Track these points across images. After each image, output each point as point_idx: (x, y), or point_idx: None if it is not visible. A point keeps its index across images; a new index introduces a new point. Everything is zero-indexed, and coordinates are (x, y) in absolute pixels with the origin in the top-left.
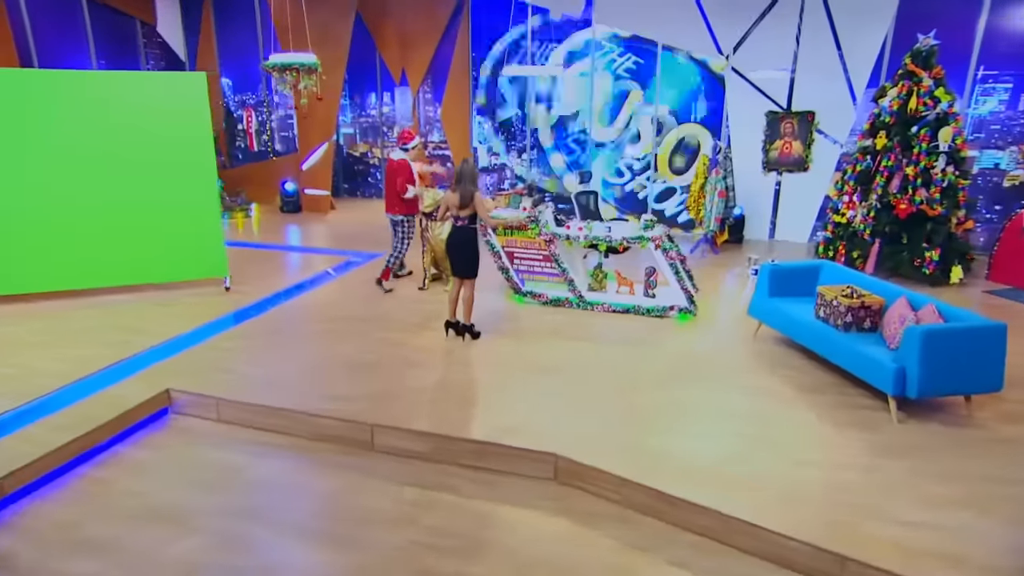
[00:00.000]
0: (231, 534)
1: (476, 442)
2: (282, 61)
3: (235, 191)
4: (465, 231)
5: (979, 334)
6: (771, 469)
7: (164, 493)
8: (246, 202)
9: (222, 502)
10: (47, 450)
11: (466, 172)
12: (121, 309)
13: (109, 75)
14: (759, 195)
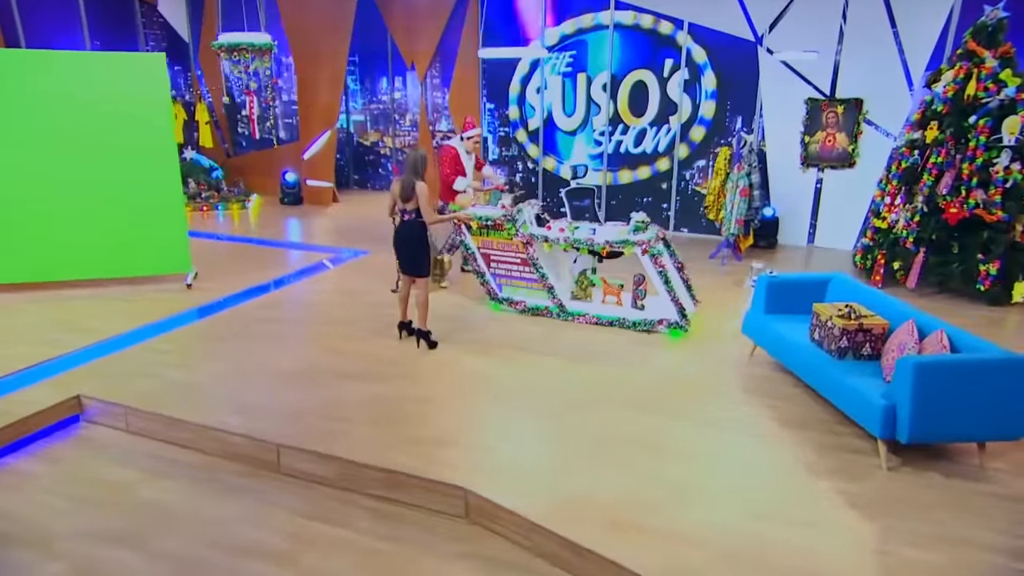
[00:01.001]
0: (94, 561)
1: (385, 470)
2: (230, 41)
3: (234, 181)
4: (411, 225)
5: (991, 369)
6: (718, 522)
7: (37, 513)
8: (244, 193)
9: (98, 525)
10: None
11: (410, 161)
12: (69, 304)
13: (57, 55)
14: (796, 194)
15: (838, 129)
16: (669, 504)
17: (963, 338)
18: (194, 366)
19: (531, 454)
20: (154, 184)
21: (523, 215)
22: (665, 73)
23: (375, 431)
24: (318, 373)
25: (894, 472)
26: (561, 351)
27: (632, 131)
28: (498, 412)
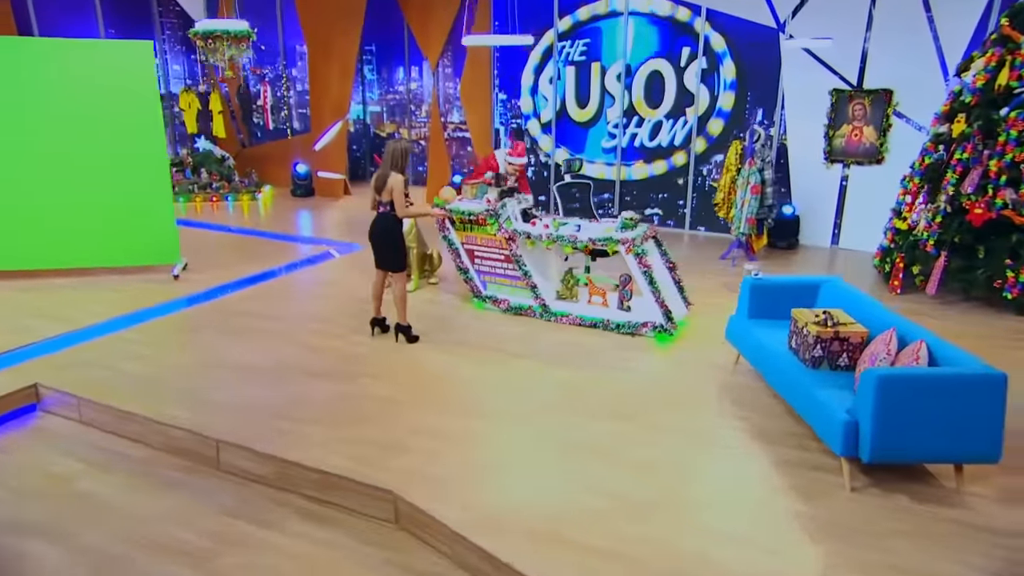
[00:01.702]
0: (12, 553)
1: (319, 471)
2: (207, 28)
3: (245, 171)
4: (385, 218)
5: (962, 385)
6: (650, 537)
7: None
8: (255, 184)
9: (28, 516)
10: None
11: (388, 152)
12: (53, 293)
13: (46, 42)
14: (819, 192)
15: (865, 122)
16: (606, 516)
17: (945, 350)
18: (157, 358)
19: (477, 460)
20: (142, 174)
21: (507, 210)
22: (682, 62)
23: (323, 430)
24: (282, 369)
25: (858, 493)
26: (538, 353)
27: (647, 124)
28: (455, 416)
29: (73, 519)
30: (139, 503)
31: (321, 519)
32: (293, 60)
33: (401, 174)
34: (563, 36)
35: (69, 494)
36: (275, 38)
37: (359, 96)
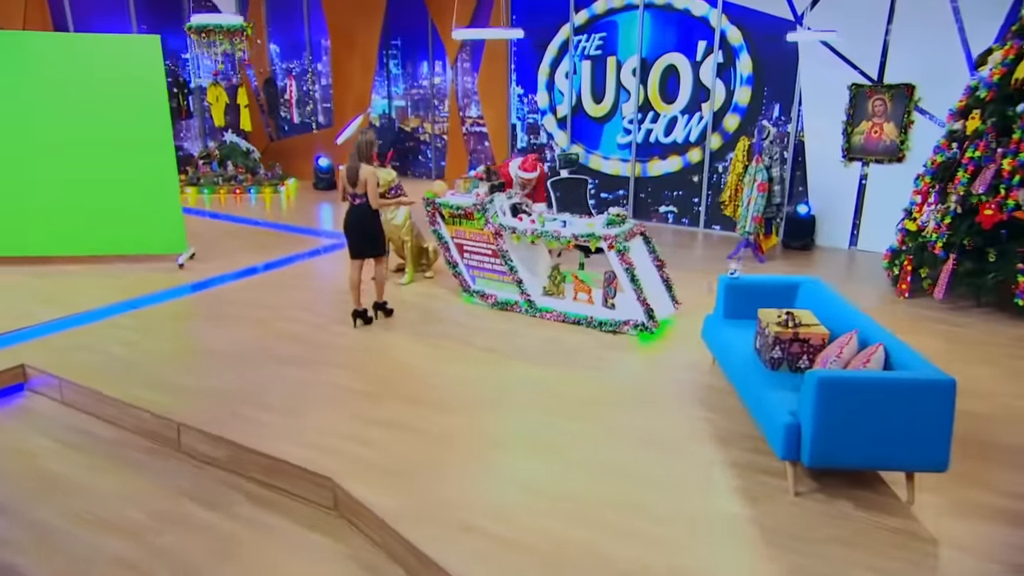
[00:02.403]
0: None
1: (268, 457)
2: (199, 23)
3: (270, 165)
4: (360, 209)
5: (909, 390)
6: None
7: None
8: (278, 177)
9: None
10: None
11: (357, 145)
12: (60, 279)
13: (58, 37)
14: (838, 191)
15: (886, 119)
16: (537, 514)
17: (903, 355)
18: (141, 343)
19: (424, 452)
20: (149, 165)
21: (494, 205)
22: (698, 57)
23: (281, 417)
24: (256, 355)
25: (802, 498)
26: (516, 349)
27: (663, 119)
28: (415, 408)
29: (29, 494)
30: (97, 482)
31: (266, 503)
32: (319, 55)
33: (370, 165)
34: (579, 30)
35: (32, 470)
36: (301, 33)
37: (384, 90)
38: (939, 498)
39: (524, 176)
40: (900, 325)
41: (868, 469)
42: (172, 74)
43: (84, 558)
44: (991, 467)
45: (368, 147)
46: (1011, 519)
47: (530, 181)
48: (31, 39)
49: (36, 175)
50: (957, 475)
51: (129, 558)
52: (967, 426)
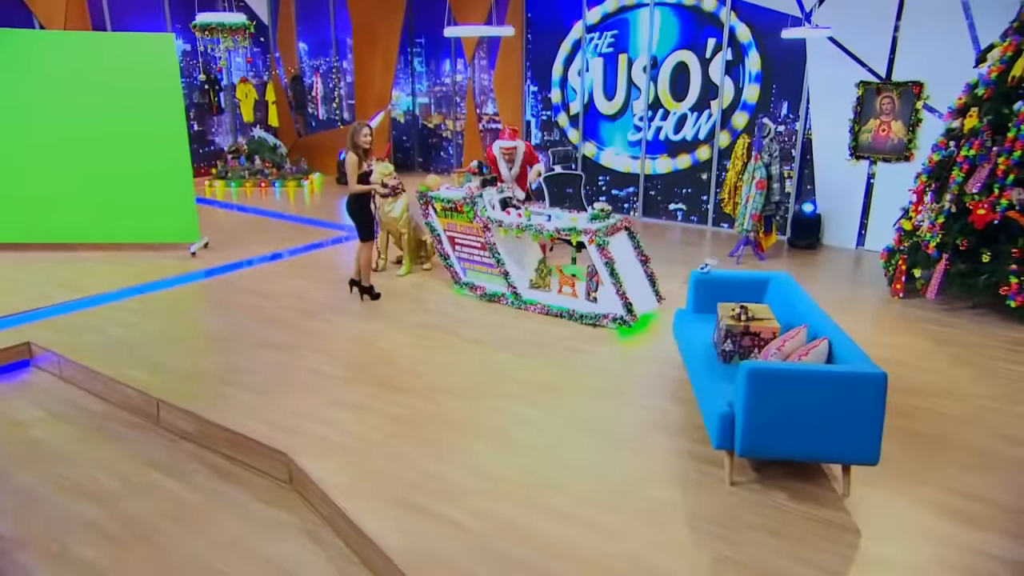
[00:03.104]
0: None
1: (231, 432)
2: (203, 21)
3: (295, 159)
4: (349, 195)
5: (839, 383)
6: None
7: None
8: (303, 172)
9: None
10: None
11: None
12: (78, 264)
13: (78, 35)
14: (845, 190)
15: (893, 117)
16: (470, 493)
17: (846, 350)
18: (141, 326)
19: (380, 432)
20: (164, 158)
21: (483, 199)
22: (707, 54)
23: (253, 397)
24: (244, 340)
25: (738, 487)
26: (494, 339)
27: (672, 116)
28: (381, 391)
29: (16, 462)
30: (78, 451)
31: (227, 475)
32: (344, 52)
33: (354, 153)
34: (592, 28)
35: (21, 439)
36: (328, 31)
37: (408, 88)
38: (881, 493)
39: (504, 145)
40: (890, 325)
41: (799, 460)
42: (205, 71)
43: (57, 520)
44: (945, 466)
45: (352, 135)
46: (951, 517)
47: (511, 150)
48: (55, 38)
49: (59, 167)
50: (907, 472)
51: (97, 521)
52: (934, 426)
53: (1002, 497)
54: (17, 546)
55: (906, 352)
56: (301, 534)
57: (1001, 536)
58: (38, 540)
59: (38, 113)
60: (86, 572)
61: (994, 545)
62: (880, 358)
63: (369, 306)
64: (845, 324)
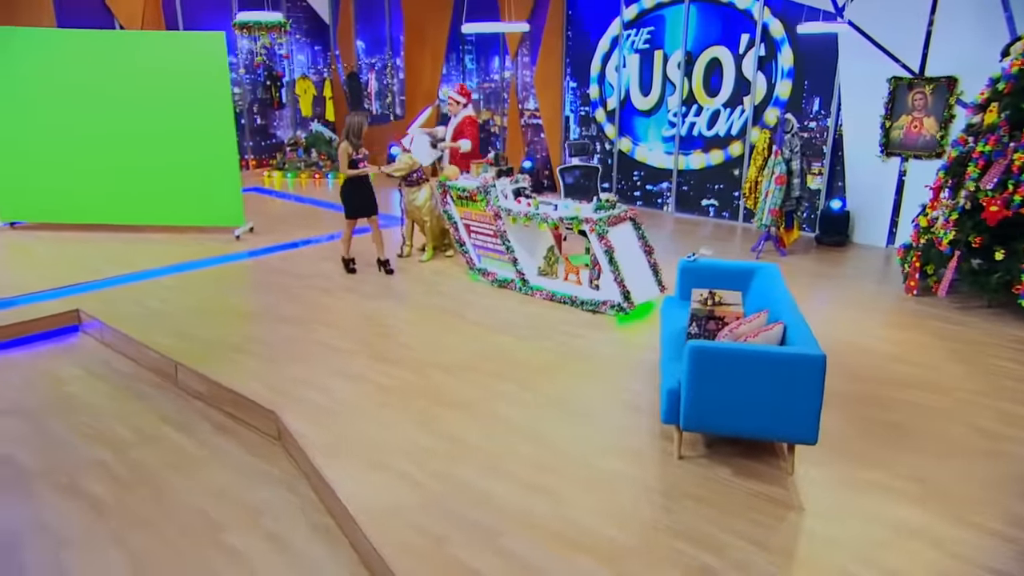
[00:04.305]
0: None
1: (234, 393)
2: (242, 20)
3: None
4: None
5: (778, 363)
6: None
7: None
8: None
9: (21, 402)
10: None
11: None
12: (134, 244)
13: (137, 34)
14: (875, 187)
15: (926, 113)
16: (434, 456)
17: (799, 335)
18: (176, 300)
19: (365, 400)
20: (214, 149)
21: (496, 188)
22: (741, 50)
23: (260, 364)
24: (264, 314)
25: (685, 461)
26: (496, 321)
27: (706, 112)
28: (379, 364)
29: (52, 408)
30: (105, 405)
31: (227, 430)
32: (398, 50)
33: (347, 142)
34: (629, 24)
35: (59, 393)
36: (383, 29)
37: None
38: (826, 473)
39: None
40: (896, 321)
41: (741, 437)
42: (267, 68)
43: (71, 459)
44: (902, 452)
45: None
46: (891, 497)
47: (457, 103)
48: (115, 37)
49: (120, 158)
50: (858, 454)
51: (108, 464)
52: (907, 416)
53: (954, 483)
54: (35, 476)
55: (904, 347)
56: (281, 485)
57: (942, 520)
58: (53, 474)
59: (103, 108)
60: (90, 503)
61: (934, 528)
62: (874, 351)
63: (384, 287)
64: (852, 319)
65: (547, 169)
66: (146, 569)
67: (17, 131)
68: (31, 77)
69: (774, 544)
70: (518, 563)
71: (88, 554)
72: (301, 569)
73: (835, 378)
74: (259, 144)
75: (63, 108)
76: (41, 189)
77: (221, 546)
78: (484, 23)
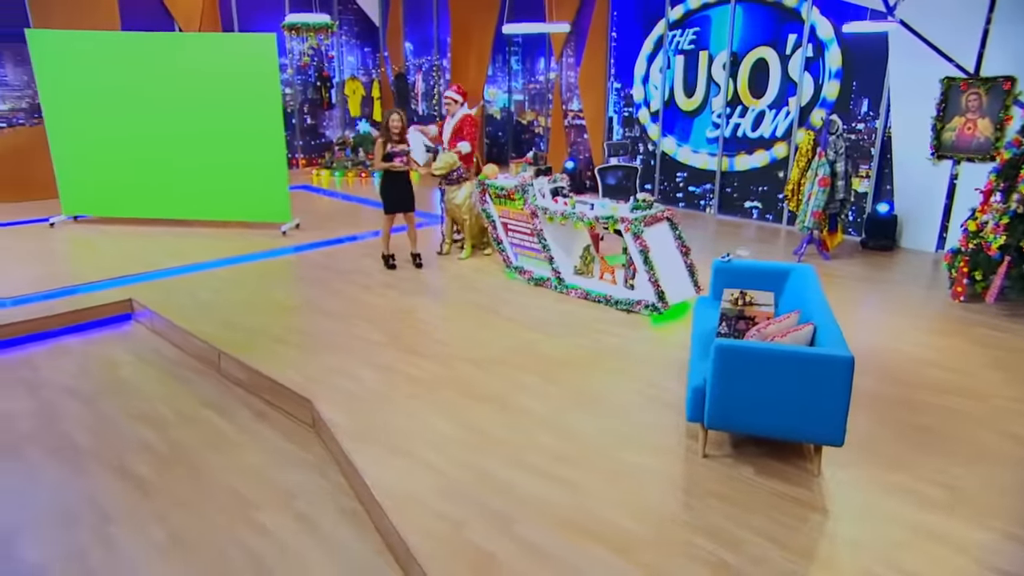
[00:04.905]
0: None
1: (272, 381)
2: (290, 21)
3: None
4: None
5: (806, 363)
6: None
7: (51, 371)
8: None
9: (79, 385)
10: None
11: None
12: (186, 238)
13: (191, 36)
14: (924, 190)
15: (980, 114)
16: (456, 444)
17: (829, 336)
18: (224, 291)
19: (394, 390)
20: (262, 146)
21: (534, 187)
22: (787, 50)
23: (298, 354)
24: (306, 307)
25: (710, 460)
26: (529, 318)
27: (751, 113)
28: (412, 356)
29: (104, 391)
30: (152, 388)
31: (264, 416)
32: (445, 51)
33: (381, 136)
34: (674, 25)
35: (113, 376)
36: (431, 30)
37: (505, 85)
38: (853, 474)
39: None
40: (940, 327)
41: (765, 436)
42: (317, 69)
43: (118, 436)
44: (931, 456)
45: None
46: (918, 501)
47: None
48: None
49: (174, 155)
50: (887, 457)
51: (150, 442)
52: (940, 420)
53: (983, 490)
54: (88, 454)
55: (945, 352)
56: (313, 470)
57: (969, 525)
58: (103, 453)
59: (160, 108)
60: (135, 481)
61: (960, 533)
62: (912, 356)
63: (422, 283)
64: (894, 324)
65: (589, 170)
66: (184, 543)
67: (81, 130)
68: (94, 78)
69: (794, 543)
70: (532, 549)
71: (131, 529)
72: (328, 549)
73: (869, 380)
74: (308, 143)
75: (123, 108)
76: (102, 185)
77: (253, 524)
78: (525, 24)
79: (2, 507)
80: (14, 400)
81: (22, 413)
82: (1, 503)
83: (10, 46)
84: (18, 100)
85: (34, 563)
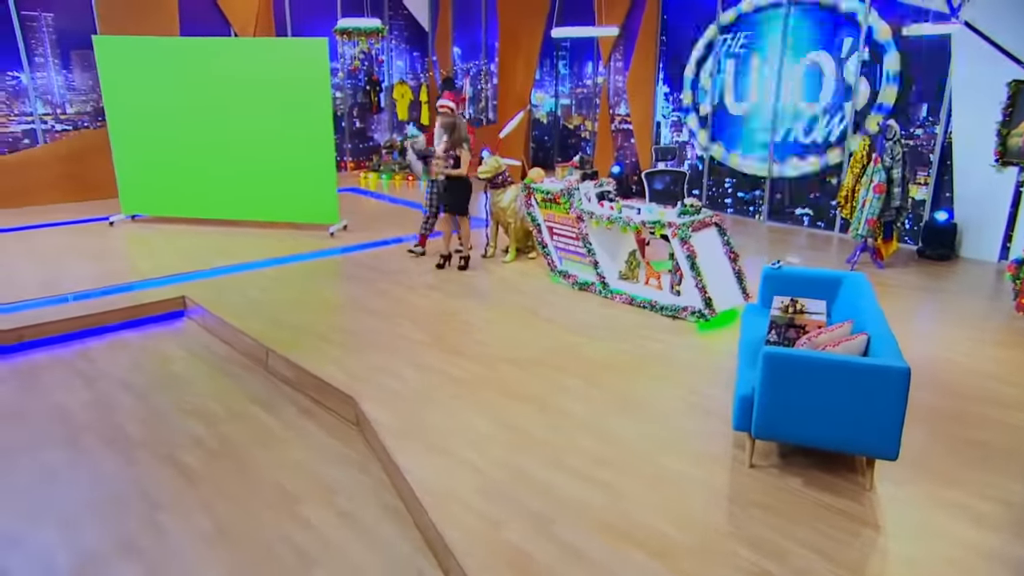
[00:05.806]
0: (108, 393)
1: (317, 379)
2: (342, 26)
3: None
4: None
5: (859, 374)
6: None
7: (108, 364)
8: None
9: (131, 378)
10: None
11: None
12: (236, 238)
13: (246, 41)
14: (987, 198)
15: None
16: (496, 443)
17: (884, 346)
18: (273, 289)
19: (436, 390)
20: (312, 149)
21: (580, 191)
22: (843, 54)
23: (343, 352)
24: (350, 306)
25: (756, 470)
26: (572, 322)
27: (803, 118)
28: (454, 357)
29: (157, 385)
30: (203, 384)
31: (310, 413)
32: (492, 56)
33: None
34: (726, 28)
35: (165, 371)
36: (479, 35)
37: (552, 89)
38: (906, 490)
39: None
40: (1001, 339)
41: (815, 447)
42: (368, 73)
43: (169, 428)
44: (987, 472)
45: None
46: (973, 518)
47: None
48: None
49: (227, 157)
50: (942, 473)
51: (199, 435)
52: (998, 436)
53: None
54: (139, 445)
55: (1006, 366)
56: (354, 465)
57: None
58: (154, 444)
59: (215, 111)
60: (184, 472)
61: (1016, 552)
62: (971, 368)
63: (465, 285)
64: (952, 335)
65: (636, 175)
66: (229, 533)
67: (140, 133)
68: (154, 83)
69: (842, 557)
70: (570, 550)
71: (179, 518)
72: (369, 544)
73: (925, 393)
74: (357, 147)
75: (179, 112)
76: (158, 186)
77: (297, 518)
78: (573, 27)
79: (61, 493)
80: (72, 392)
81: (79, 404)
82: (59, 490)
83: (78, 52)
84: (84, 104)
85: (89, 547)
